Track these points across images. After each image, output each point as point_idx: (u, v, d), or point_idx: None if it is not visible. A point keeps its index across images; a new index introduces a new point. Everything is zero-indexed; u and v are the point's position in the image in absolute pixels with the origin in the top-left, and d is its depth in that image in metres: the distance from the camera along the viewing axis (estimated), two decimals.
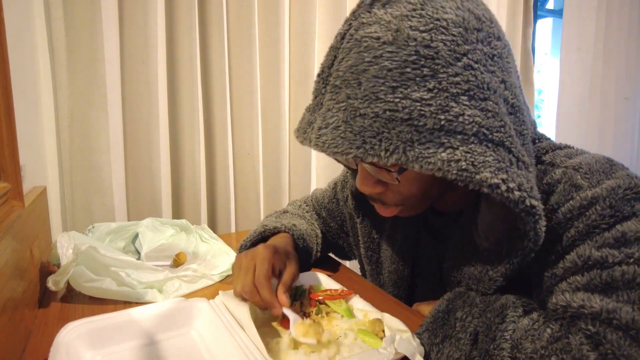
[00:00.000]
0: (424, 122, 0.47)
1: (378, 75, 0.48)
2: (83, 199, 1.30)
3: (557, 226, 0.54)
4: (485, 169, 0.47)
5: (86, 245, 0.77)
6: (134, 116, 1.35)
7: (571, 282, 0.51)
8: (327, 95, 0.54)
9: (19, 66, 0.93)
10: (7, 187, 0.74)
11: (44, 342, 0.63)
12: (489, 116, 0.49)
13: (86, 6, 1.23)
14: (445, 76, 0.48)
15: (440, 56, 0.48)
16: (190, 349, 0.64)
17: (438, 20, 0.48)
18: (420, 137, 0.47)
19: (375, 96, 0.48)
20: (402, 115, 0.47)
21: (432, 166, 0.47)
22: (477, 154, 0.47)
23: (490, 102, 0.49)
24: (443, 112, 0.47)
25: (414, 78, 0.48)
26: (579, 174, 0.55)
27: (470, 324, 0.55)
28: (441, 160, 0.47)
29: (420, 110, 0.47)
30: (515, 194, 0.48)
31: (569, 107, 2.30)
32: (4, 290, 0.58)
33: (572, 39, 2.24)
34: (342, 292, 0.75)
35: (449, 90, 0.48)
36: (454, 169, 0.47)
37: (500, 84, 0.51)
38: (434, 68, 0.48)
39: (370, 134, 0.48)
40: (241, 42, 1.48)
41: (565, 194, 0.54)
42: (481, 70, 0.49)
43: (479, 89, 0.49)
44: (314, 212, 0.98)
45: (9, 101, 0.74)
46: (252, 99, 1.52)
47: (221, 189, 1.52)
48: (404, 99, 0.47)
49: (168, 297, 0.80)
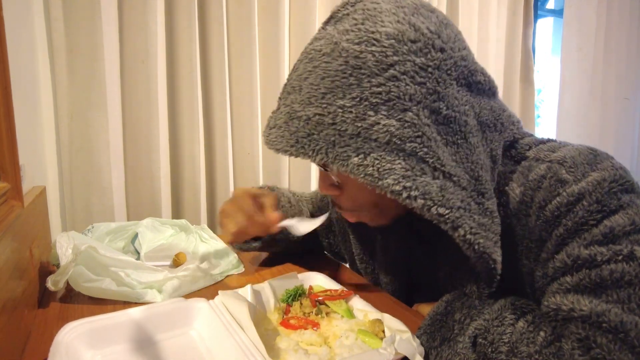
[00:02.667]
0: (345, 128, 0.51)
1: (313, 82, 0.53)
2: (82, 199, 1.30)
3: (545, 224, 0.54)
4: (389, 176, 0.50)
5: (85, 245, 0.77)
6: (134, 116, 1.35)
7: (561, 283, 0.52)
8: (281, 101, 0.60)
9: (19, 66, 0.93)
10: (6, 187, 0.74)
11: (44, 342, 0.63)
12: (405, 126, 0.50)
13: (86, 6, 1.23)
14: (368, 86, 0.51)
15: (367, 67, 0.51)
16: (190, 349, 0.64)
17: (372, 33, 0.51)
18: (341, 140, 0.51)
19: (309, 101, 0.53)
20: (328, 120, 0.52)
21: (345, 168, 0.51)
22: (385, 162, 0.50)
23: (410, 113, 0.51)
24: (360, 120, 0.51)
25: (341, 86, 0.51)
26: (563, 168, 0.55)
27: (468, 327, 0.55)
28: (352, 164, 0.51)
29: (342, 116, 0.51)
30: (419, 201, 0.50)
31: (570, 107, 2.30)
32: (3, 291, 0.58)
33: (572, 39, 2.24)
34: (342, 292, 0.75)
35: (369, 99, 0.51)
36: (361, 174, 0.50)
37: (429, 95, 0.52)
38: (360, 78, 0.51)
39: (302, 134, 0.53)
40: (241, 42, 1.48)
41: (552, 190, 0.54)
42: (407, 82, 0.51)
43: (400, 100, 0.51)
44: (317, 199, 0.99)
45: (8, 101, 0.74)
46: (252, 99, 1.52)
47: (221, 189, 1.52)
48: (330, 105, 0.52)
49: (168, 297, 0.80)
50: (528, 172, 0.58)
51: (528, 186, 0.57)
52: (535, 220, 0.54)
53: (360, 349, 0.61)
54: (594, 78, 2.25)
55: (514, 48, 2.08)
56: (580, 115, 2.29)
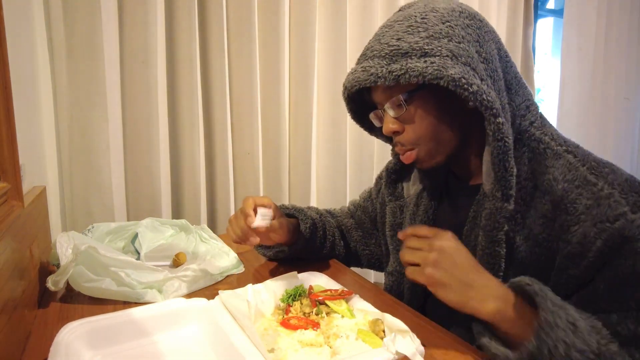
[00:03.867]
0: (415, 53, 0.67)
1: (390, 35, 0.71)
2: (82, 199, 1.30)
3: (610, 242, 0.60)
4: (451, 70, 0.65)
5: (86, 245, 0.77)
6: (134, 116, 1.35)
7: (616, 302, 0.59)
8: (361, 57, 0.76)
9: (19, 66, 0.93)
10: (6, 187, 0.74)
11: (44, 342, 0.63)
12: (461, 49, 0.67)
13: (86, 6, 1.23)
14: (432, 30, 0.68)
15: (430, 21, 0.70)
16: (190, 349, 0.64)
17: (432, 8, 0.72)
18: (412, 60, 0.67)
19: (387, 45, 0.70)
20: (401, 51, 0.68)
21: (415, 72, 0.65)
22: (448, 65, 0.65)
23: (463, 44, 0.68)
24: (427, 45, 0.67)
25: (412, 32, 0.69)
26: (617, 192, 0.62)
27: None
28: (422, 67, 0.65)
29: (412, 46, 0.68)
30: (473, 87, 0.64)
31: (570, 107, 2.30)
32: (3, 291, 0.58)
33: (572, 39, 2.24)
34: (342, 292, 0.75)
35: (434, 36, 0.68)
36: (429, 70, 0.65)
37: (474, 42, 0.69)
38: (425, 27, 0.69)
39: (380, 65, 0.69)
40: (241, 42, 1.48)
41: (613, 210, 0.60)
42: (459, 29, 0.69)
43: (455, 36, 0.68)
44: (349, 212, 1.08)
45: (8, 101, 0.74)
46: (252, 99, 1.52)
47: (221, 189, 1.52)
48: (404, 43, 0.69)
49: (168, 297, 0.80)
50: (575, 172, 0.65)
51: (575, 186, 0.64)
52: (596, 234, 0.60)
53: (360, 349, 0.61)
54: (594, 78, 2.25)
55: (514, 48, 2.08)
56: (580, 115, 2.29)
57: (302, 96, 1.61)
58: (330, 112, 1.69)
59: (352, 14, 1.68)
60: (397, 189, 0.91)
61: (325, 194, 1.73)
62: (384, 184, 0.93)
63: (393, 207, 0.90)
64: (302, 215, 0.95)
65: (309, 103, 1.62)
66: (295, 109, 1.63)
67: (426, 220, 0.84)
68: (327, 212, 1.07)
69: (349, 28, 1.67)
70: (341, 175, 1.72)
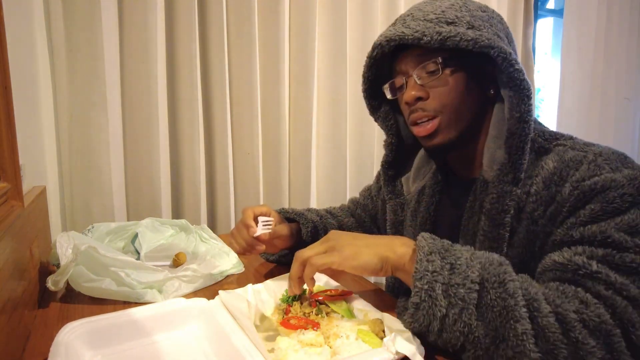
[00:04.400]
0: (461, 23, 0.71)
1: (433, 7, 0.75)
2: (82, 199, 1.30)
3: (582, 195, 0.63)
4: (502, 43, 0.69)
5: (86, 245, 0.77)
6: (134, 116, 1.35)
7: (586, 250, 0.60)
8: (399, 21, 0.78)
9: (19, 66, 0.93)
10: (6, 187, 0.74)
11: (44, 342, 0.63)
12: (502, 35, 0.73)
13: (86, 6, 1.23)
14: (474, 13, 0.73)
15: (471, 6, 0.75)
16: (190, 349, 0.64)
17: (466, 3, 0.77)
18: (459, 28, 0.70)
19: (432, 12, 0.73)
20: (448, 19, 0.72)
21: (467, 37, 0.68)
22: (496, 38, 0.70)
23: (501, 34, 0.73)
24: (474, 21, 0.72)
25: (455, 9, 0.73)
26: (601, 158, 0.65)
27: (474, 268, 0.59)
28: (474, 34, 0.69)
29: (459, 17, 0.72)
30: (519, 65, 0.68)
31: (570, 107, 2.30)
32: (3, 290, 0.58)
33: (572, 39, 2.24)
34: (342, 292, 0.75)
35: (476, 17, 0.73)
36: (483, 38, 0.68)
37: (504, 37, 0.74)
38: (467, 9, 0.74)
39: (426, 26, 0.72)
40: (241, 42, 1.48)
41: (591, 171, 0.64)
42: (495, 22, 0.75)
43: (494, 26, 0.73)
44: (348, 211, 1.09)
45: (8, 101, 0.74)
46: (252, 99, 1.51)
47: (221, 189, 1.52)
48: (449, 13, 0.72)
49: (168, 297, 0.80)
50: (564, 154, 0.69)
51: (564, 164, 0.67)
52: (571, 191, 0.64)
53: (360, 349, 0.61)
54: (594, 78, 2.25)
55: None
56: (580, 115, 2.29)
57: (302, 96, 1.61)
58: (330, 112, 1.68)
59: (352, 14, 1.68)
60: (396, 187, 0.92)
61: (325, 194, 1.72)
62: (382, 181, 0.93)
63: (393, 205, 0.91)
64: (302, 219, 0.95)
65: (309, 103, 1.62)
66: (295, 109, 1.63)
67: (427, 217, 0.85)
68: (327, 212, 1.07)
69: (349, 28, 1.66)
70: (341, 175, 1.72)
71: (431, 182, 0.86)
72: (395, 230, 0.91)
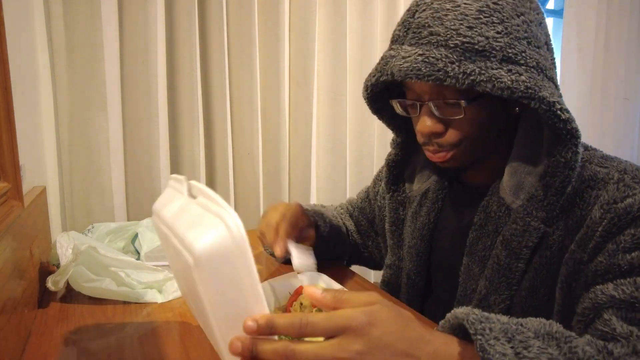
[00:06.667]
0: (494, 54, 0.58)
1: (457, 18, 0.60)
2: (83, 199, 1.30)
3: (617, 220, 0.57)
4: (544, 91, 0.58)
5: (86, 246, 0.77)
6: (134, 116, 1.35)
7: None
8: (409, 36, 0.64)
9: (19, 66, 0.93)
10: (6, 187, 0.74)
11: (44, 342, 0.63)
12: (543, 59, 0.61)
13: (86, 6, 1.23)
14: (509, 24, 0.60)
15: (505, 10, 0.60)
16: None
17: None
18: (492, 64, 0.58)
19: (457, 32, 0.59)
20: (477, 48, 0.58)
21: (502, 84, 0.57)
22: (537, 80, 0.59)
23: (543, 50, 0.62)
24: (510, 48, 0.59)
25: (486, 22, 0.59)
26: (628, 177, 0.60)
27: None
28: (510, 80, 0.57)
29: (491, 44, 0.58)
30: (566, 115, 0.59)
31: (569, 107, 2.28)
32: (3, 291, 0.58)
33: (572, 39, 2.24)
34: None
35: (512, 34, 0.59)
36: (521, 87, 0.57)
37: (544, 45, 0.63)
38: (501, 17, 0.60)
39: (450, 60, 0.58)
40: (241, 42, 1.48)
41: (622, 192, 0.58)
42: (534, 27, 0.62)
43: (535, 39, 0.61)
44: (347, 213, 1.05)
45: (8, 101, 0.74)
46: (252, 99, 1.51)
47: (221, 189, 1.52)
48: (479, 36, 0.59)
49: (168, 298, 0.80)
50: (582, 170, 0.63)
51: (585, 184, 0.61)
52: (602, 214, 0.57)
53: None
54: (594, 78, 2.25)
55: None
56: (580, 115, 2.28)
57: (302, 96, 1.61)
58: (330, 112, 1.69)
59: (352, 14, 1.68)
60: (399, 185, 0.87)
61: (325, 194, 1.72)
62: (384, 179, 0.88)
63: (394, 203, 0.87)
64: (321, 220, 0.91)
65: (309, 103, 1.62)
66: (295, 109, 1.63)
67: (427, 223, 0.81)
68: (337, 214, 1.04)
69: (349, 28, 1.67)
70: (341, 175, 1.72)
71: (435, 187, 0.81)
72: (395, 228, 0.87)
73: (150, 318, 0.75)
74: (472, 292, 0.69)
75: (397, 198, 0.87)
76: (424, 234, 0.81)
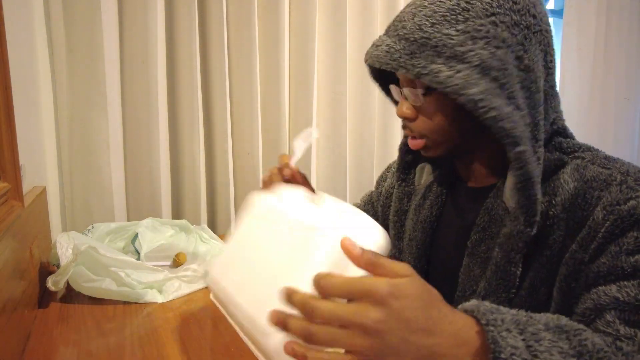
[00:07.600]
0: (445, 51, 0.61)
1: (427, 14, 0.63)
2: (83, 199, 1.30)
3: (620, 221, 0.57)
4: (473, 89, 0.59)
5: (86, 246, 0.77)
6: (134, 116, 1.35)
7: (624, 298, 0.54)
8: (391, 28, 0.69)
9: (19, 66, 0.93)
10: (6, 187, 0.74)
11: (44, 342, 0.63)
12: (495, 58, 0.60)
13: (86, 6, 1.23)
14: (472, 23, 0.61)
15: (474, 10, 0.62)
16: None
17: None
18: (439, 60, 0.61)
19: (420, 28, 0.63)
20: (432, 43, 0.62)
21: (437, 79, 0.60)
22: (473, 79, 0.60)
23: (501, 51, 0.61)
24: (460, 46, 0.60)
25: (450, 20, 0.62)
26: (630, 179, 0.60)
27: None
28: (445, 75, 0.60)
29: (445, 41, 0.61)
30: (492, 113, 0.59)
31: (569, 107, 2.30)
32: (3, 291, 0.58)
33: (572, 39, 2.23)
34: None
35: (470, 33, 0.61)
36: (452, 82, 0.59)
37: (518, 45, 0.62)
38: (467, 17, 0.61)
39: (406, 52, 0.63)
40: (241, 42, 1.48)
41: (625, 194, 0.58)
42: (503, 28, 0.62)
43: (495, 39, 0.61)
44: None
45: (8, 101, 0.74)
46: (252, 99, 1.51)
47: (221, 189, 1.52)
48: (437, 33, 0.62)
49: (168, 298, 0.80)
50: (584, 170, 0.63)
51: (587, 185, 0.62)
52: (605, 215, 0.58)
53: None
54: (594, 78, 2.25)
55: None
56: (580, 115, 2.28)
57: (302, 96, 1.61)
58: (330, 112, 1.68)
59: (352, 14, 1.68)
60: (409, 174, 0.87)
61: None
62: (397, 165, 0.88)
63: (400, 193, 0.87)
64: None
65: (309, 103, 1.62)
66: (295, 109, 1.63)
67: (429, 217, 0.81)
68: None
69: (349, 28, 1.66)
70: (341, 175, 1.72)
71: (440, 181, 0.82)
72: (397, 218, 0.87)
73: (150, 318, 0.75)
74: (471, 294, 0.69)
75: (404, 188, 0.88)
76: (426, 227, 0.81)
